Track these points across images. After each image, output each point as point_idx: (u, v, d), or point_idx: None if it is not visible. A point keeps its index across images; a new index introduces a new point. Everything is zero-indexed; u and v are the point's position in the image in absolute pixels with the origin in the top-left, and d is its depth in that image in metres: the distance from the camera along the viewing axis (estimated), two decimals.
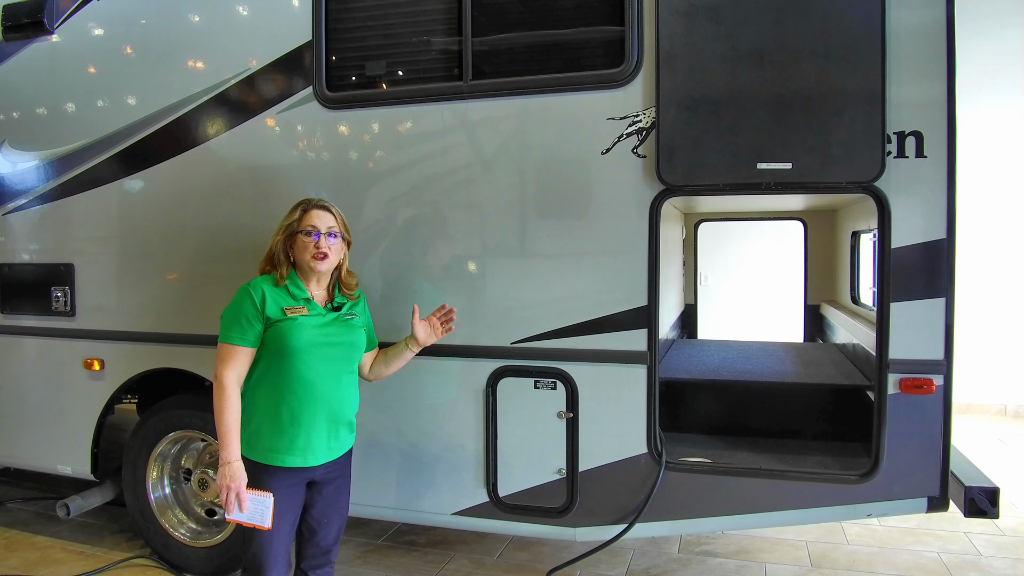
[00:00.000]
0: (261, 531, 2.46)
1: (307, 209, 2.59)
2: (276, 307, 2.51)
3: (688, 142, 2.74)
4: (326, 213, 2.59)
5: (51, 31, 3.83)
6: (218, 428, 2.45)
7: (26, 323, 3.96)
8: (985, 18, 6.38)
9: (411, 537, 4.24)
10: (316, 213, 2.57)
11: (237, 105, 3.42)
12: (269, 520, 2.43)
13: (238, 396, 2.49)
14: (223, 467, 2.43)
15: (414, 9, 3.16)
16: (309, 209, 2.58)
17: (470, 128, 3.11)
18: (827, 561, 3.93)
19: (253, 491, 2.44)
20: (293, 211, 2.61)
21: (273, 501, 2.43)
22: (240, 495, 2.41)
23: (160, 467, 3.79)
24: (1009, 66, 6.54)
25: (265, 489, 2.47)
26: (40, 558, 3.98)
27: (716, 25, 2.69)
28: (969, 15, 6.30)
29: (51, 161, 3.87)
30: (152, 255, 3.69)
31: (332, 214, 2.61)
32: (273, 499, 2.44)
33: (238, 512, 2.42)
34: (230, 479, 2.41)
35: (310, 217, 2.56)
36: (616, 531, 2.97)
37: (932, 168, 2.61)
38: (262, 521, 2.43)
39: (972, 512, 2.66)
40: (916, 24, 2.61)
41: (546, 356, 3.03)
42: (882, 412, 2.69)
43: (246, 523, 2.44)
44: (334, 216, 2.61)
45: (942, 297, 2.62)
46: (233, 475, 2.41)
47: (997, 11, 6.29)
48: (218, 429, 2.45)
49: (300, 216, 2.57)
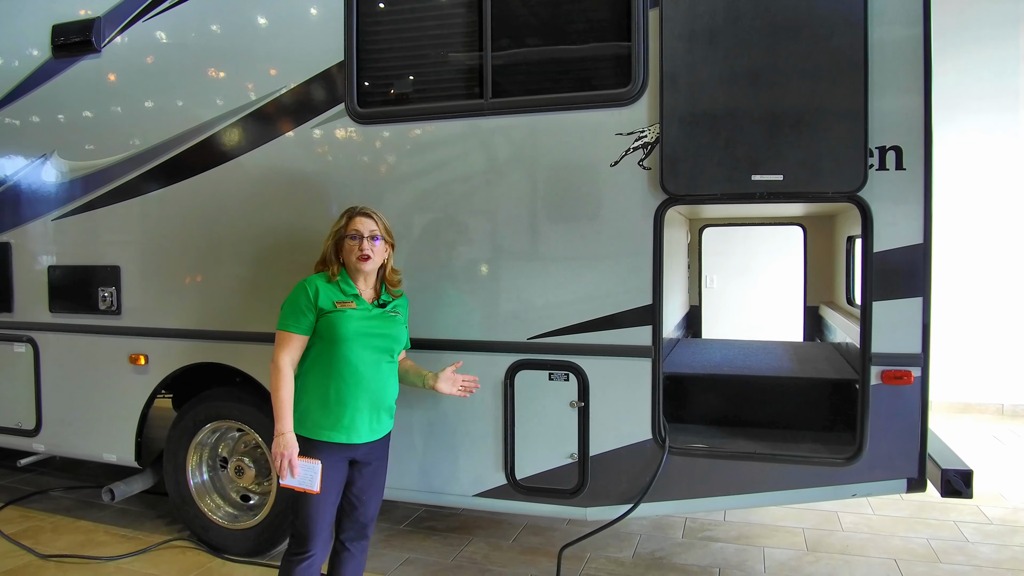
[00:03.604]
0: (308, 500, 2.74)
1: (352, 216, 2.90)
2: (328, 300, 2.82)
3: (689, 155, 3.01)
4: (368, 219, 2.90)
5: (98, 50, 4.10)
6: (274, 403, 2.75)
7: (75, 321, 4.24)
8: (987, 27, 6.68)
9: (431, 523, 4.51)
10: (360, 219, 2.89)
11: (274, 120, 3.70)
12: (318, 484, 2.71)
13: (292, 376, 2.80)
14: (277, 437, 2.72)
15: (438, 32, 3.44)
16: (354, 216, 2.90)
17: (490, 142, 3.38)
18: (822, 546, 4.17)
19: (303, 459, 2.72)
20: (341, 218, 2.93)
21: (321, 467, 2.72)
22: (292, 462, 2.70)
23: (199, 455, 4.08)
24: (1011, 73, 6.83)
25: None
26: (85, 540, 4.27)
27: (714, 48, 2.96)
28: (973, 22, 6.62)
29: (98, 171, 4.13)
30: (193, 259, 3.95)
31: (374, 220, 2.91)
32: (321, 466, 2.72)
33: (290, 477, 2.70)
34: (283, 448, 2.70)
35: (354, 223, 2.88)
36: (623, 510, 3.23)
37: (911, 180, 2.87)
38: (311, 485, 2.71)
39: (948, 492, 2.90)
40: (896, 47, 2.87)
41: (559, 350, 3.30)
42: (865, 401, 2.95)
43: (298, 487, 2.72)
44: (375, 221, 2.91)
45: (919, 296, 2.88)
46: (286, 444, 2.71)
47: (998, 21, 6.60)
48: (274, 404, 2.75)
49: (346, 222, 2.89)
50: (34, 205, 4.34)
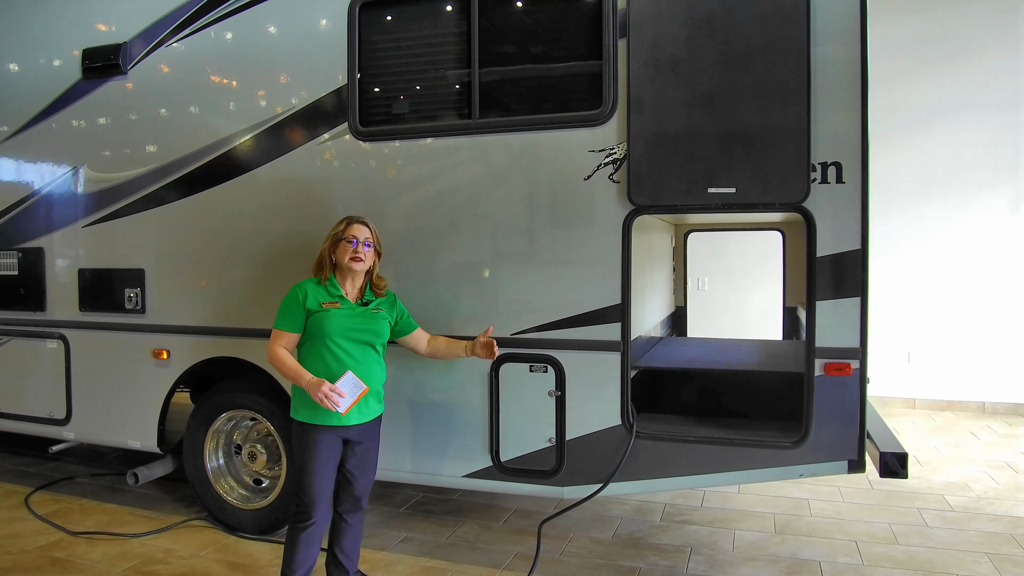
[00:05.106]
0: (310, 474, 3.13)
1: (350, 223, 3.30)
2: (316, 302, 3.21)
3: (652, 170, 3.36)
4: (364, 227, 3.29)
5: (124, 72, 4.47)
6: (286, 373, 3.18)
7: (103, 319, 4.62)
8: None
9: (428, 507, 4.87)
10: (357, 226, 3.28)
11: (285, 137, 4.08)
12: (362, 384, 3.14)
13: (289, 354, 3.21)
14: (307, 387, 3.09)
15: (431, 60, 3.83)
16: (352, 223, 3.30)
17: (477, 157, 3.75)
18: (790, 529, 4.49)
19: (335, 386, 3.09)
20: (339, 224, 3.31)
21: (349, 374, 3.13)
22: (333, 389, 3.07)
23: (215, 441, 4.46)
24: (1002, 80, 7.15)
25: (313, 446, 3.15)
26: (111, 520, 4.65)
27: (675, 75, 3.32)
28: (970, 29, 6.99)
29: (123, 182, 4.51)
30: (211, 262, 4.33)
31: (369, 229, 3.31)
32: (349, 373, 3.13)
33: (342, 401, 3.08)
34: (317, 387, 3.06)
35: (352, 229, 3.27)
36: (595, 488, 3.59)
37: (850, 192, 3.20)
38: (359, 389, 3.13)
39: (886, 473, 3.22)
40: (836, 73, 3.20)
41: (539, 345, 3.66)
42: (810, 390, 3.29)
43: (355, 400, 3.13)
44: (370, 230, 3.31)
45: (857, 296, 3.21)
46: (318, 384, 3.07)
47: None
48: (287, 373, 3.17)
49: (344, 228, 3.28)
50: (65, 213, 4.72)
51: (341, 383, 3.11)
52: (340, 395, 3.08)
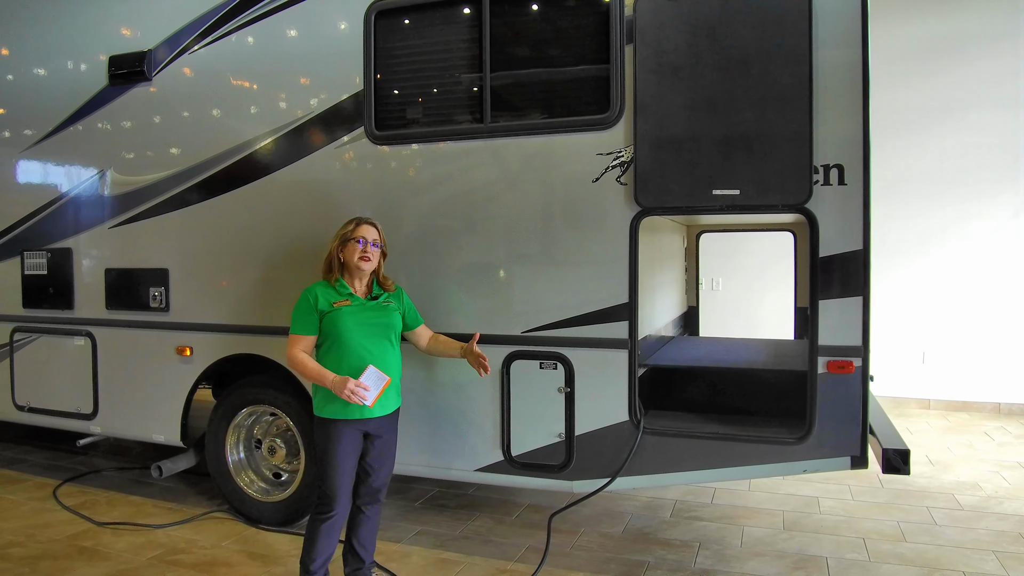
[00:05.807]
0: (333, 468, 3.25)
1: (359, 223, 3.42)
2: (327, 302, 3.34)
3: (658, 173, 3.45)
4: (371, 228, 3.42)
5: (149, 78, 4.62)
6: (309, 375, 3.29)
7: (128, 317, 4.77)
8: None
9: (443, 502, 4.97)
10: (365, 227, 3.41)
11: (303, 140, 4.20)
12: (385, 376, 3.25)
13: (308, 357, 3.32)
14: (333, 386, 3.19)
15: (444, 66, 3.95)
16: (361, 224, 3.42)
17: (489, 160, 3.86)
18: (798, 526, 4.55)
19: (359, 381, 3.20)
20: (347, 224, 3.43)
21: (371, 368, 3.23)
22: (358, 384, 3.18)
23: (236, 436, 4.59)
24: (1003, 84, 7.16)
25: (335, 440, 3.27)
26: (136, 512, 4.80)
27: (679, 80, 3.40)
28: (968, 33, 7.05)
29: (148, 185, 4.65)
30: (232, 262, 4.46)
31: (376, 230, 3.43)
32: (371, 367, 3.24)
33: (368, 394, 3.20)
34: (342, 385, 3.17)
35: (360, 230, 3.39)
36: (603, 482, 3.68)
37: (852, 194, 3.27)
38: (382, 380, 3.24)
39: (888, 469, 3.26)
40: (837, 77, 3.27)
41: (549, 343, 3.75)
42: (814, 388, 3.36)
43: (380, 391, 3.24)
44: (377, 231, 3.43)
45: (859, 295, 3.28)
46: (343, 382, 3.17)
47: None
48: (310, 375, 3.29)
49: (353, 228, 3.40)
50: (92, 215, 4.88)
51: (364, 377, 3.22)
52: (366, 389, 3.20)
